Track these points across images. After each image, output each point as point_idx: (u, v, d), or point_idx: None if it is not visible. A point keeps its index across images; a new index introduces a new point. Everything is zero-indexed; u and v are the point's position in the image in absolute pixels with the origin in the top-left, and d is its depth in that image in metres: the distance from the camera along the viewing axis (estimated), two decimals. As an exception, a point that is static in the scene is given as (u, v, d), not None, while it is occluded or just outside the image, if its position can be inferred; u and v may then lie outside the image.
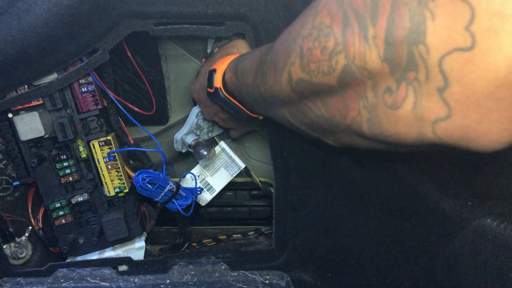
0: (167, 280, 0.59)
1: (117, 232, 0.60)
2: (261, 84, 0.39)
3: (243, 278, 0.60)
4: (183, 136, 0.66)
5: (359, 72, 0.26)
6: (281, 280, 0.62)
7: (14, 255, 0.60)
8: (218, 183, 0.69)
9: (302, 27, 0.31)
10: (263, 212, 0.76)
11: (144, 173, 0.59)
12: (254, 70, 0.40)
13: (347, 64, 0.27)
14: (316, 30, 0.29)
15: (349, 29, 0.26)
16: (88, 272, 0.59)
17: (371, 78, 0.26)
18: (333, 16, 0.27)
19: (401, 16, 0.23)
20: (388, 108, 0.26)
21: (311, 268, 0.64)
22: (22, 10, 0.44)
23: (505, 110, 0.21)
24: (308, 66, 0.30)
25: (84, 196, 0.61)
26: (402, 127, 0.26)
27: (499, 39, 0.19)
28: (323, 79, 0.30)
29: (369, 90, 0.27)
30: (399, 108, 0.25)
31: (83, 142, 0.59)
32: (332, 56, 0.28)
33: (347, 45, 0.26)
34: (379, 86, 0.26)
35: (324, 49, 0.28)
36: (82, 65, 0.54)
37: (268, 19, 0.55)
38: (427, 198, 0.45)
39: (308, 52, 0.30)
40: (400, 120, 0.25)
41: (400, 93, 0.25)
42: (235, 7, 0.54)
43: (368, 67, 0.26)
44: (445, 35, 0.21)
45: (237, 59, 0.48)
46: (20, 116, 0.55)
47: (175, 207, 0.63)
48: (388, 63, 0.24)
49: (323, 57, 0.29)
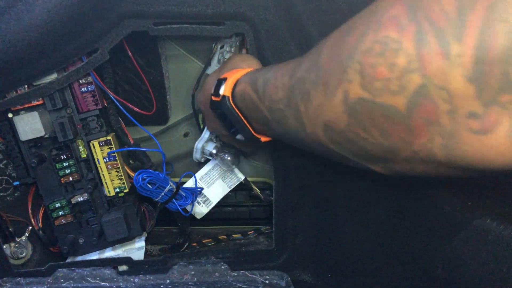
0: (167, 280, 0.59)
1: (117, 232, 0.60)
2: (300, 103, 0.35)
3: (243, 278, 0.60)
4: (203, 144, 0.64)
5: (437, 94, 0.24)
6: (281, 280, 0.62)
7: (14, 255, 0.60)
8: (215, 195, 0.67)
9: (358, 41, 0.28)
10: (263, 212, 0.76)
11: (144, 173, 0.59)
12: (287, 87, 0.37)
13: (423, 84, 0.24)
14: (379, 45, 0.26)
15: (425, 45, 0.24)
16: (88, 272, 0.59)
17: (448, 101, 0.24)
18: (403, 30, 0.25)
19: (496, 32, 0.21)
20: (473, 134, 0.24)
21: (311, 268, 0.64)
22: (22, 10, 0.45)
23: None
24: (372, 85, 0.27)
25: (84, 196, 0.61)
26: (493, 153, 0.24)
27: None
28: (389, 99, 0.27)
29: (444, 114, 0.25)
30: (490, 133, 0.23)
31: (83, 142, 0.59)
32: (404, 74, 0.25)
33: (424, 62, 0.24)
34: (458, 110, 0.24)
35: (393, 66, 0.26)
36: (82, 65, 0.54)
37: (268, 19, 0.55)
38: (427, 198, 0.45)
39: (371, 69, 0.27)
40: (491, 146, 0.24)
41: (490, 117, 0.23)
42: (235, 7, 0.54)
43: (450, 88, 0.23)
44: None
45: (255, 72, 0.45)
46: (20, 116, 0.55)
47: (175, 207, 0.63)
48: (476, 84, 0.22)
49: (391, 75, 0.26)
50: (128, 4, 0.52)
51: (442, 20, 0.23)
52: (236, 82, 0.46)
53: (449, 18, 0.23)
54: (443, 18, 0.23)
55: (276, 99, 0.38)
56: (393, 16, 0.26)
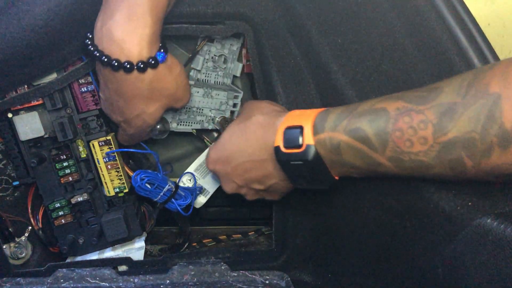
0: (167, 280, 0.59)
1: (117, 232, 0.60)
2: (467, 160, 0.35)
3: (243, 278, 0.60)
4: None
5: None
6: (281, 280, 0.62)
7: (14, 255, 0.60)
8: (211, 184, 0.67)
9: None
10: (263, 212, 0.76)
11: (143, 173, 0.59)
12: (437, 142, 0.36)
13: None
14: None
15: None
16: (88, 272, 0.59)
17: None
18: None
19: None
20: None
21: (311, 268, 0.64)
22: (22, 10, 0.45)
23: None
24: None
25: (84, 196, 0.60)
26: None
27: None
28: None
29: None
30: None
31: (83, 142, 0.59)
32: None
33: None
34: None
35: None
36: (82, 65, 0.54)
37: (268, 19, 0.55)
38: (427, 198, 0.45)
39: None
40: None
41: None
42: (235, 6, 0.54)
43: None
44: None
45: (336, 118, 0.42)
46: (20, 116, 0.55)
47: (175, 207, 0.63)
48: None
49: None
50: (128, 4, 0.51)
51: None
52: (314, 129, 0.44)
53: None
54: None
55: (414, 151, 0.37)
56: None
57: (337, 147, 0.42)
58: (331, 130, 0.42)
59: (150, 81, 0.48)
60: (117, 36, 0.45)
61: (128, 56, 0.46)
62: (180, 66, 0.53)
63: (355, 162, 0.42)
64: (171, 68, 0.51)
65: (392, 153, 0.39)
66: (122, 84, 0.48)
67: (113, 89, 0.50)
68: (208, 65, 0.63)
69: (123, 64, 0.46)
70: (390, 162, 0.39)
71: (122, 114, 0.52)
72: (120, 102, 0.51)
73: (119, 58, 0.46)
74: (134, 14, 0.45)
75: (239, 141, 0.51)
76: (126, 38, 0.45)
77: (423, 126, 0.36)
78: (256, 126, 0.50)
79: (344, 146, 0.42)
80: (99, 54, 0.47)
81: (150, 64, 0.47)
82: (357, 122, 0.40)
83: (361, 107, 0.41)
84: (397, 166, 0.39)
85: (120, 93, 0.50)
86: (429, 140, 0.36)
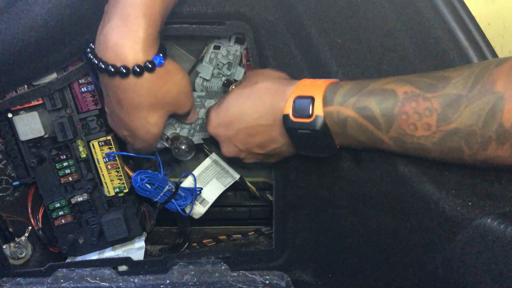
0: (167, 280, 0.59)
1: (117, 232, 0.60)
2: (466, 148, 0.37)
3: (243, 278, 0.60)
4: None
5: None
6: (281, 280, 0.62)
7: (14, 255, 0.60)
8: (211, 194, 0.67)
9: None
10: (263, 212, 0.76)
11: (143, 173, 0.59)
12: (439, 131, 0.38)
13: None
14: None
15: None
16: (88, 272, 0.59)
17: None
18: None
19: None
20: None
21: (311, 268, 0.64)
22: (22, 10, 0.44)
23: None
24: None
25: (84, 196, 0.60)
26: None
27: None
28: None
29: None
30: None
31: (83, 142, 0.59)
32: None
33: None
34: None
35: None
36: (82, 64, 0.54)
37: (268, 19, 0.55)
38: (427, 198, 0.45)
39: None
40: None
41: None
42: (235, 6, 0.54)
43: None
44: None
45: (346, 94, 0.43)
46: (20, 116, 0.55)
47: (175, 207, 0.63)
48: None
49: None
50: (128, 4, 0.51)
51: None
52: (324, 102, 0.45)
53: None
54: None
55: (417, 135, 0.39)
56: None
57: (344, 121, 0.44)
58: (340, 105, 0.44)
59: (149, 86, 0.47)
60: (112, 41, 0.44)
61: (123, 60, 0.45)
62: (182, 72, 0.52)
63: (358, 137, 0.44)
64: (171, 73, 0.49)
65: (395, 134, 0.41)
66: (121, 91, 0.47)
67: (114, 99, 0.49)
68: (214, 72, 0.63)
69: (118, 69, 0.45)
70: (392, 142, 0.42)
71: (126, 126, 0.51)
72: (122, 113, 0.50)
73: (115, 63, 0.45)
74: (127, 16, 0.44)
75: (244, 106, 0.50)
76: (120, 42, 0.44)
77: (428, 113, 0.38)
78: (263, 91, 0.49)
79: (350, 121, 0.43)
80: (97, 61, 0.46)
81: (147, 67, 0.46)
82: (365, 100, 0.42)
83: (372, 85, 0.43)
84: (398, 146, 0.42)
85: (120, 102, 0.49)
86: (432, 127, 0.38)
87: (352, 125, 0.43)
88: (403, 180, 0.47)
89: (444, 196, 0.43)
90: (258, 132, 0.50)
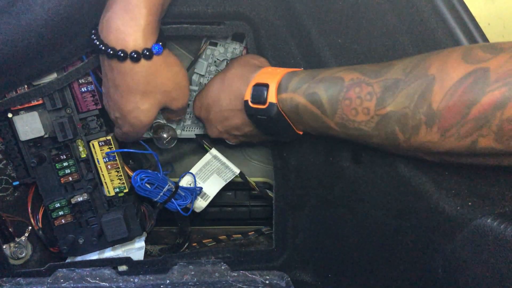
0: (167, 280, 0.59)
1: (117, 232, 0.60)
2: (400, 134, 0.38)
3: (243, 278, 0.60)
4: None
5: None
6: (281, 280, 0.62)
7: (14, 255, 0.60)
8: (212, 189, 0.67)
9: (497, 108, 0.31)
10: (263, 212, 0.76)
11: (143, 173, 0.59)
12: (377, 115, 0.39)
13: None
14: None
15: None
16: (88, 272, 0.59)
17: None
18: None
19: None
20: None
21: (311, 268, 0.64)
22: (22, 10, 0.44)
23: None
24: (508, 141, 0.32)
25: (84, 196, 0.60)
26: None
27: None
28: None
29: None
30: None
31: (83, 142, 0.59)
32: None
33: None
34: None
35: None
36: (82, 64, 0.54)
37: (268, 19, 0.55)
38: (427, 198, 0.45)
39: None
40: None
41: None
42: (235, 6, 0.54)
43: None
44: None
45: (300, 81, 0.46)
46: (20, 116, 0.55)
47: (174, 207, 0.63)
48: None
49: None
50: (128, 4, 0.51)
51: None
52: (278, 89, 0.48)
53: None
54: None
55: (358, 120, 0.41)
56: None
57: (296, 107, 0.46)
58: (293, 92, 0.46)
59: (145, 73, 0.49)
60: (114, 26, 0.46)
61: (123, 45, 0.47)
62: (180, 66, 0.53)
63: (311, 123, 0.46)
64: (169, 64, 0.51)
65: (339, 120, 0.42)
66: (117, 74, 0.49)
67: (111, 79, 0.50)
68: (210, 69, 0.63)
69: (117, 52, 0.47)
70: (338, 127, 0.43)
71: (118, 108, 0.52)
72: (116, 95, 0.51)
73: (115, 46, 0.47)
74: (129, 4, 0.46)
75: (218, 91, 0.54)
76: (122, 28, 0.46)
77: (369, 98, 0.39)
78: (233, 77, 0.53)
79: (301, 108, 0.45)
80: (99, 42, 0.48)
81: (145, 55, 0.47)
82: (315, 87, 0.44)
83: (323, 74, 0.44)
84: (343, 132, 0.44)
85: (116, 84, 0.50)
86: (371, 112, 0.39)
87: (304, 111, 0.45)
88: (403, 180, 0.47)
89: (444, 196, 0.43)
90: (231, 116, 0.54)
